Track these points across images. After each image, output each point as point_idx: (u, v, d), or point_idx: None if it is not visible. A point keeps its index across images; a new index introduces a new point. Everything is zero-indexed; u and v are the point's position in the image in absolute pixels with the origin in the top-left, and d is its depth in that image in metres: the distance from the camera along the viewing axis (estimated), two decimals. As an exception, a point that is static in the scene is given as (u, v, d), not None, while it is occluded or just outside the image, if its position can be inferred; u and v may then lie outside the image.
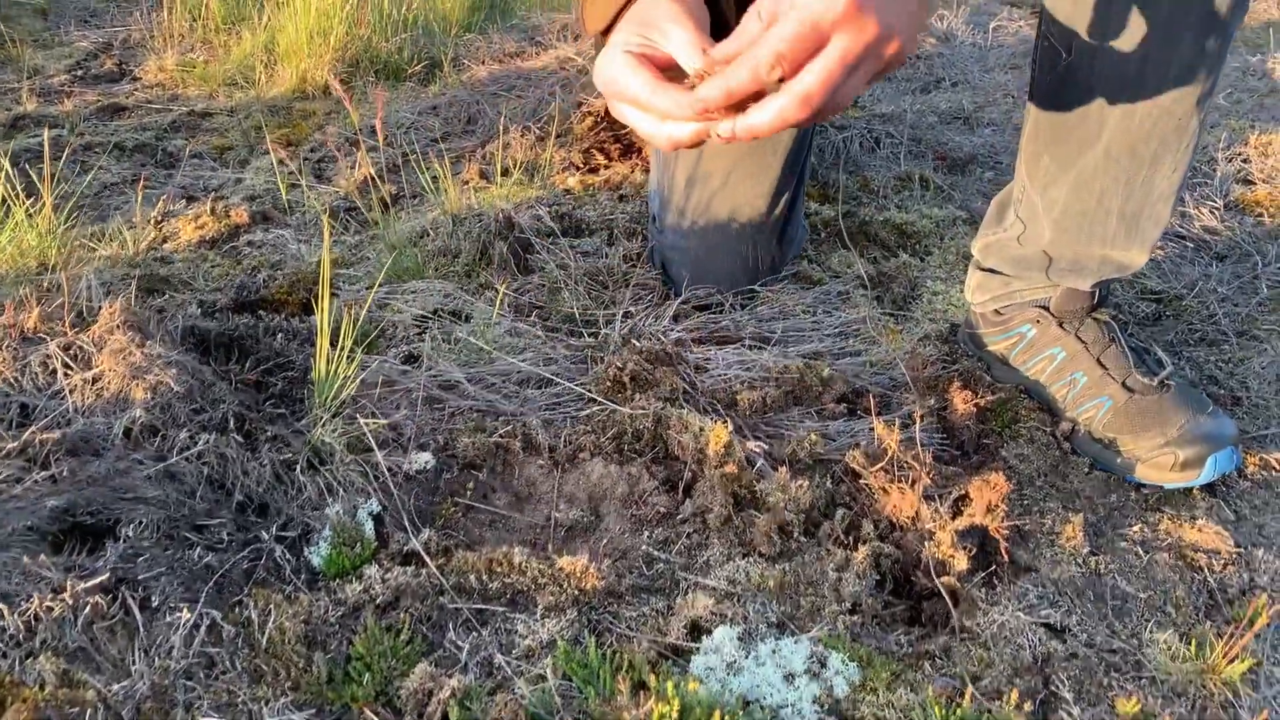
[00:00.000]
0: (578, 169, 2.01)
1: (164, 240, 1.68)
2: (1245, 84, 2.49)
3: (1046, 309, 1.28)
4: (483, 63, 2.50)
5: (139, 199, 1.69)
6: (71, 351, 1.01)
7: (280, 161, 1.95)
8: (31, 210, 1.39)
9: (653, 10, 0.89)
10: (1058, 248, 1.23)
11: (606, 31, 0.95)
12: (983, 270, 1.35)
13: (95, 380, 0.99)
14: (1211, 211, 1.72)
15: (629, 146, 2.10)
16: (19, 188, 1.43)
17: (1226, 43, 1.06)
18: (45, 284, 1.19)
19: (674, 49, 0.85)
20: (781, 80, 0.75)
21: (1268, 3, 3.53)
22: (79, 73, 2.51)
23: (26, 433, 0.92)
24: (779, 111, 0.75)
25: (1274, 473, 1.17)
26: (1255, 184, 1.83)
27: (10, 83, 2.41)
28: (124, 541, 0.89)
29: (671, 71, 0.86)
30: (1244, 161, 1.91)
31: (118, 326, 1.03)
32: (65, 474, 0.91)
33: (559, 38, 2.56)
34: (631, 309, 1.47)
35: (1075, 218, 1.20)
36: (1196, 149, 1.14)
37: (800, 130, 1.47)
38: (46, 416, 0.96)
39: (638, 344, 1.30)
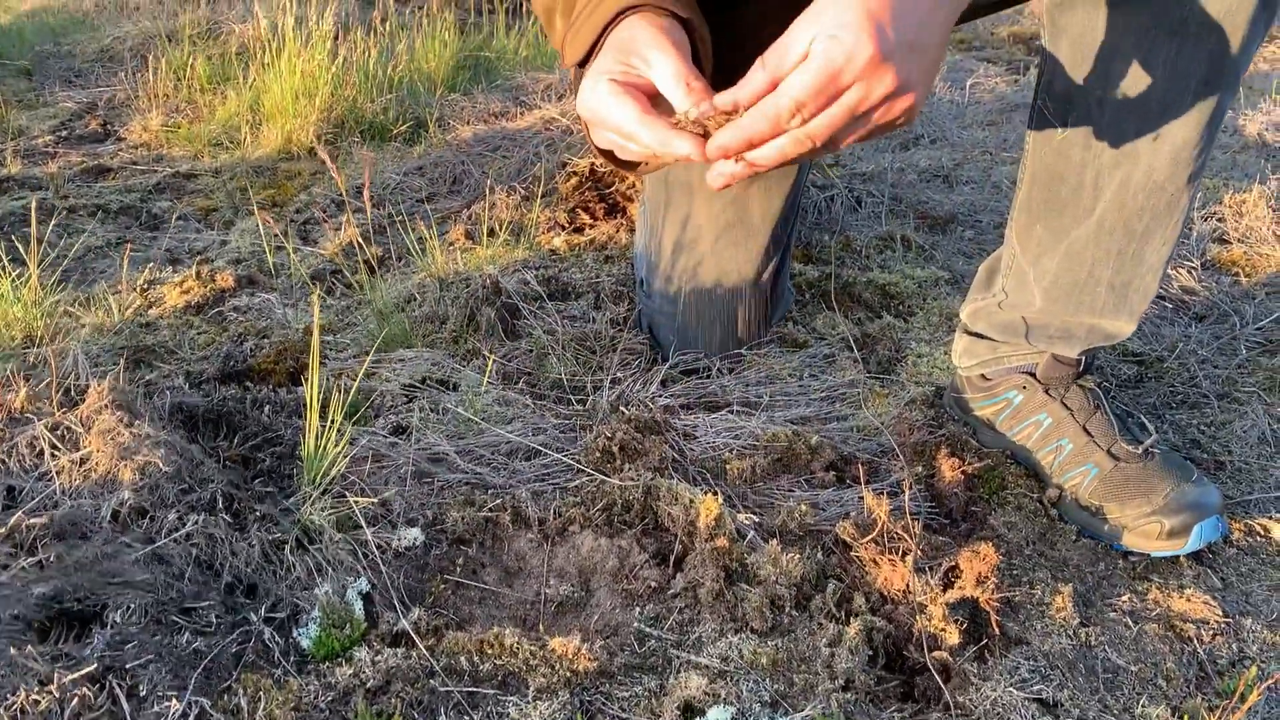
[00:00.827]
0: (563, 229, 2.03)
1: (149, 306, 1.67)
2: (1218, 140, 2.54)
3: (1033, 375, 1.30)
4: (468, 123, 2.52)
5: (124, 265, 1.69)
6: (59, 432, 1.01)
7: (265, 224, 1.96)
8: (17, 282, 1.39)
9: (634, 37, 0.90)
10: (1047, 315, 1.25)
11: (584, 63, 0.96)
12: (970, 335, 1.36)
13: (83, 461, 0.98)
14: (1189, 272, 1.75)
15: (614, 206, 2.12)
16: (3, 257, 1.43)
17: (1218, 124, 1.09)
18: (31, 359, 1.19)
19: (658, 78, 0.86)
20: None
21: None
22: (63, 133, 2.51)
23: (13, 518, 0.91)
24: (779, 149, 0.78)
25: (1260, 538, 1.18)
26: (1231, 243, 1.86)
27: (-6, 144, 2.42)
28: (111, 628, 0.88)
29: (654, 98, 0.87)
30: (1219, 220, 1.94)
31: (105, 406, 1.02)
32: (52, 559, 0.90)
33: (543, 98, 2.59)
34: (619, 374, 1.47)
35: (1066, 287, 1.21)
36: (1186, 223, 1.16)
37: (789, 200, 1.49)
38: (33, 499, 0.95)
39: (626, 412, 1.30)
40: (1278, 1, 1.04)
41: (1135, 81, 1.07)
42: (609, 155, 0.98)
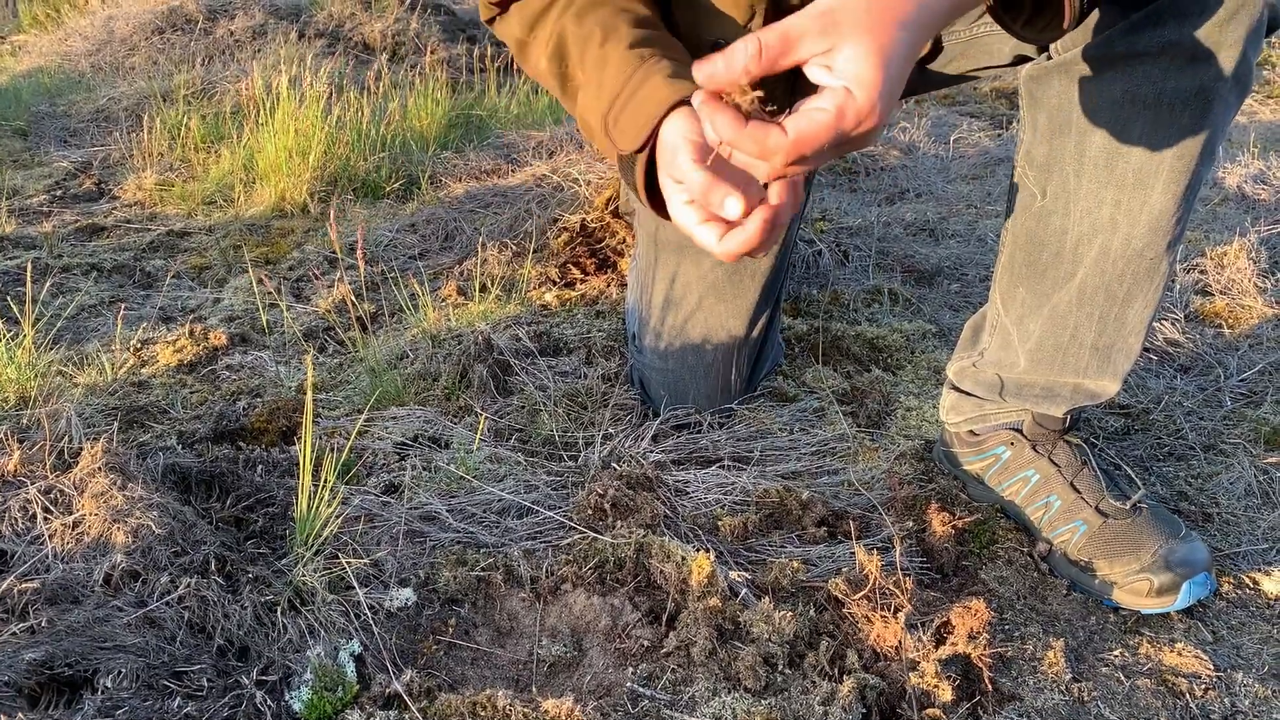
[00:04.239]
0: (555, 284, 2.04)
1: (142, 365, 1.68)
2: (1199, 193, 2.58)
3: (1020, 431, 1.31)
4: (460, 180, 2.55)
5: (118, 324, 1.70)
6: (52, 495, 1.01)
7: (259, 281, 1.97)
8: (11, 343, 1.39)
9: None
10: (1031, 375, 1.26)
11: (641, 150, 0.98)
12: (957, 391, 1.37)
13: (76, 524, 0.99)
14: (1173, 324, 1.77)
15: (605, 261, 2.14)
16: (17, 320, 1.44)
17: (1195, 193, 1.11)
18: (25, 421, 1.19)
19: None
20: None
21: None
22: (58, 193, 2.54)
23: (5, 582, 0.91)
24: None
25: (1249, 591, 1.19)
26: (1213, 295, 1.89)
27: (-11, 203, 2.43)
28: (103, 693, 0.88)
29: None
30: (1201, 273, 1.97)
31: (99, 469, 1.03)
32: (44, 624, 0.90)
33: (534, 155, 2.62)
34: (611, 430, 1.48)
35: (1049, 349, 1.23)
36: (1168, 287, 1.17)
37: (779, 259, 1.51)
38: (26, 563, 0.95)
39: (618, 468, 1.31)
40: (1250, 77, 1.07)
41: (1112, 153, 1.09)
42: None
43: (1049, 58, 1.14)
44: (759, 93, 0.77)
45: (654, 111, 0.95)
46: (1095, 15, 1.07)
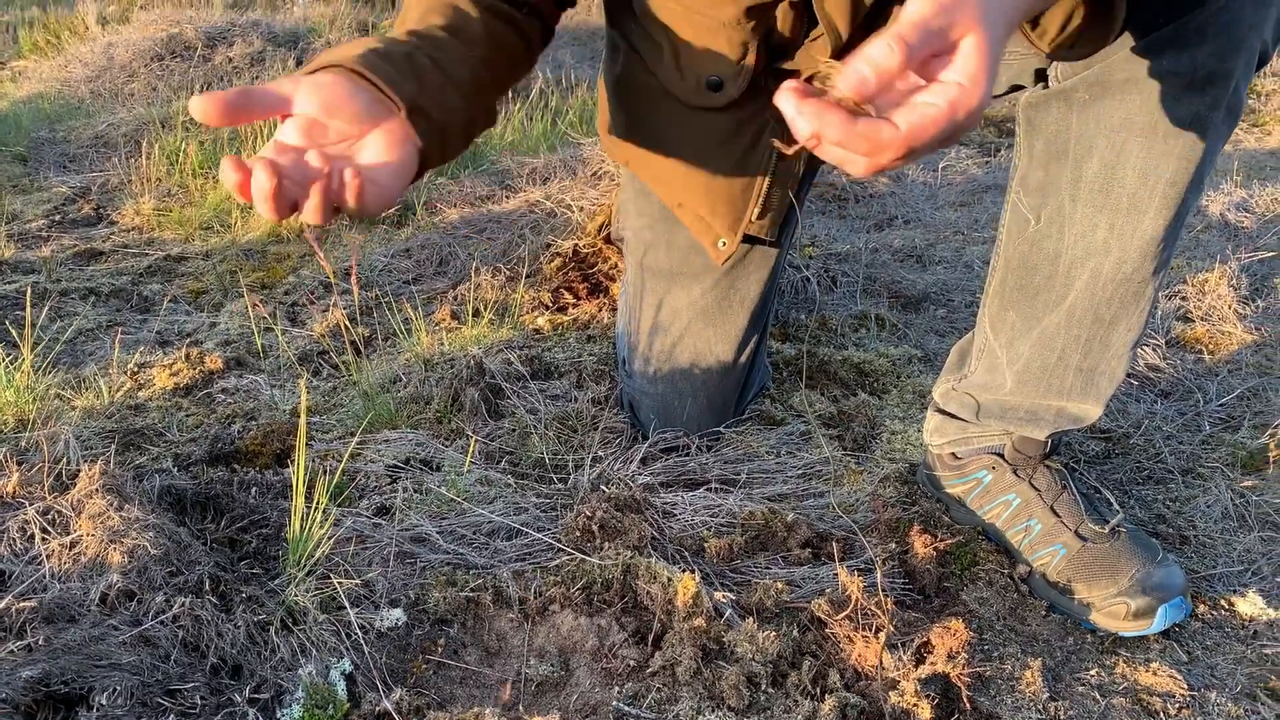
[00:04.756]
0: (547, 308, 2.07)
1: (139, 388, 1.70)
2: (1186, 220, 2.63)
3: (1001, 456, 1.34)
4: (455, 206, 2.58)
5: (115, 348, 1.73)
6: (50, 516, 1.03)
7: (254, 306, 2.00)
8: (10, 366, 1.42)
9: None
10: (1017, 398, 1.29)
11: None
12: (941, 414, 1.40)
13: (73, 545, 1.01)
14: (1154, 349, 1.80)
15: (596, 286, 2.17)
16: (13, 344, 1.46)
17: (1184, 220, 1.14)
18: (24, 443, 1.21)
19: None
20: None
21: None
22: (56, 218, 2.56)
23: (3, 601, 0.93)
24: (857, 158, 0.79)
25: (1224, 613, 1.21)
26: (1194, 321, 1.92)
27: (-12, 228, 2.46)
28: (98, 710, 0.89)
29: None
30: (1183, 299, 2.00)
31: (96, 490, 1.05)
32: (40, 643, 0.92)
33: (528, 182, 2.65)
34: (600, 453, 1.50)
35: (1036, 371, 1.26)
36: (1152, 312, 1.21)
37: (767, 286, 1.53)
38: (23, 583, 0.97)
39: (606, 490, 1.33)
40: (1240, 107, 1.11)
41: (1108, 178, 1.13)
42: None
43: (1045, 86, 1.18)
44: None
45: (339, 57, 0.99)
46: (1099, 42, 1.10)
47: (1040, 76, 1.19)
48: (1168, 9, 1.03)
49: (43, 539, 1.01)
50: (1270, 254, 2.17)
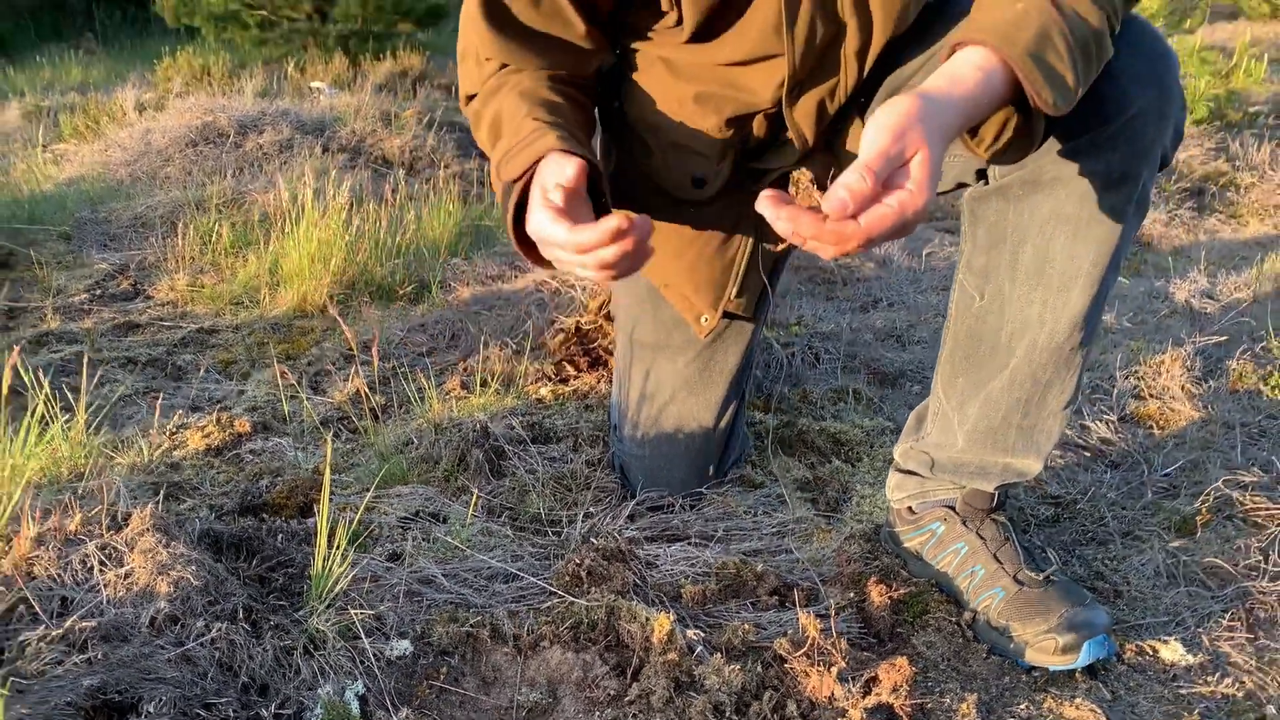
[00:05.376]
0: (550, 379, 2.24)
1: (175, 448, 1.87)
2: (1150, 306, 2.79)
3: (953, 509, 1.48)
4: (467, 284, 2.77)
5: (156, 413, 1.90)
6: (107, 551, 1.19)
7: (280, 375, 2.17)
8: (66, 426, 1.59)
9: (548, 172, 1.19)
10: (967, 455, 1.45)
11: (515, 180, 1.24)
12: (901, 472, 1.55)
13: (126, 576, 1.16)
14: (1108, 424, 1.95)
15: (596, 359, 2.34)
16: (55, 402, 1.63)
17: (1105, 296, 1.32)
18: (80, 491, 1.37)
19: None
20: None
21: (1179, 229, 3.92)
22: (97, 292, 2.76)
23: (68, 622, 1.09)
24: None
25: (1148, 658, 1.34)
26: (1147, 399, 2.07)
27: (36, 301, 2.66)
28: (145, 717, 1.04)
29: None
30: (1139, 379, 2.16)
31: (147, 529, 1.21)
32: (99, 657, 1.07)
33: (536, 262, 2.84)
34: (592, 510, 1.66)
35: (984, 430, 1.42)
36: (1081, 378, 1.37)
37: (744, 359, 1.70)
38: (84, 608, 1.12)
39: (595, 542, 1.48)
40: (1147, 202, 1.29)
41: (1040, 261, 1.30)
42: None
43: (986, 183, 1.35)
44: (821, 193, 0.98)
45: (538, 153, 1.22)
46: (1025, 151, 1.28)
47: (981, 174, 1.37)
48: (1085, 123, 1.22)
49: (101, 570, 1.17)
50: (1224, 338, 2.33)
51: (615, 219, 1.07)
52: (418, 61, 7.29)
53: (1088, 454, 1.88)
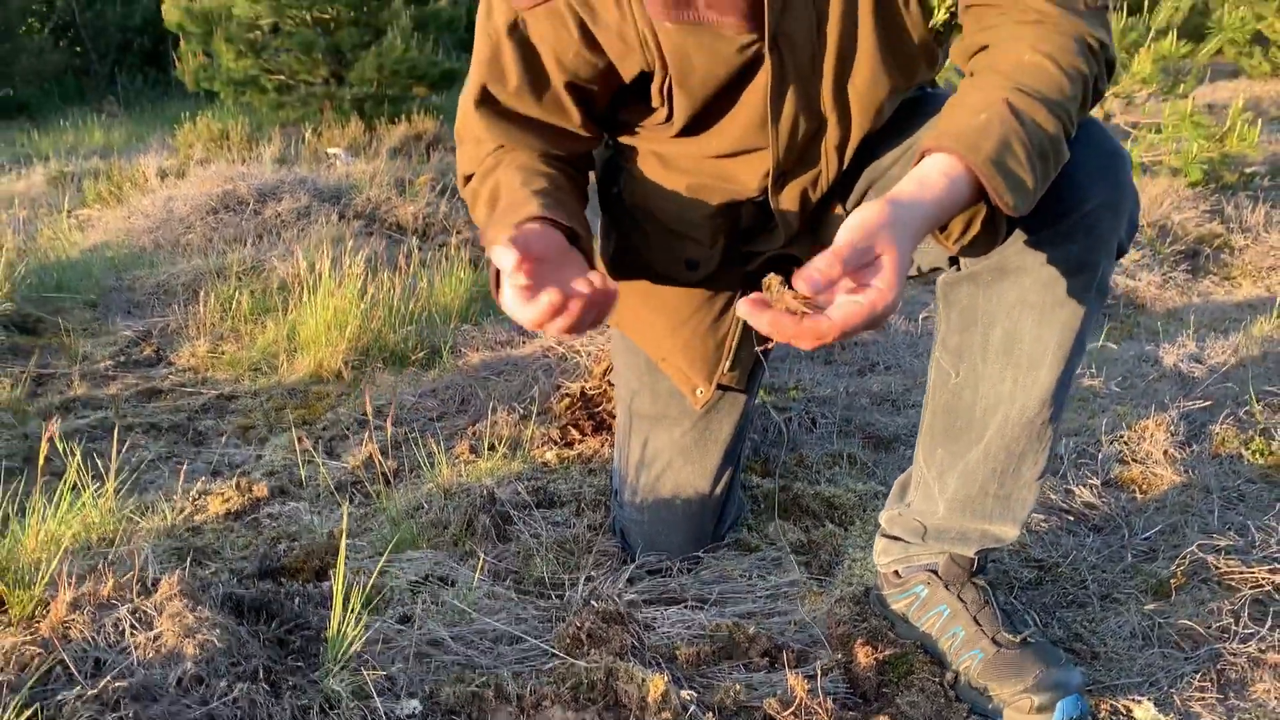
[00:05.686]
0: (555, 444, 2.33)
1: (196, 513, 1.96)
2: (1139, 370, 2.87)
3: (936, 573, 1.56)
4: (477, 350, 2.87)
5: (180, 479, 1.99)
6: (138, 615, 1.27)
7: (299, 441, 2.26)
8: (97, 492, 1.68)
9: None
10: (948, 522, 1.53)
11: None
12: (887, 537, 1.63)
13: (156, 639, 1.25)
14: (1091, 489, 2.03)
15: (600, 423, 2.43)
16: (85, 469, 1.73)
17: (1073, 373, 1.41)
18: (111, 557, 1.46)
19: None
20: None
21: (1173, 291, 4.00)
22: (122, 359, 2.87)
23: (101, 682, 1.17)
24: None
25: (1121, 717, 1.41)
26: (1130, 463, 2.15)
27: (63, 368, 2.77)
28: (172, 772, 1.12)
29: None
30: (1124, 443, 2.23)
31: (175, 595, 1.29)
32: (130, 716, 1.15)
33: (543, 328, 2.95)
34: (593, 573, 1.73)
35: (963, 499, 1.50)
36: (1053, 449, 1.45)
37: (738, 428, 1.79)
38: (116, 669, 1.20)
39: (596, 605, 1.56)
40: (1107, 288, 1.39)
41: (1010, 342, 1.39)
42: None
43: (958, 269, 1.45)
44: (794, 292, 1.06)
45: (517, 219, 1.30)
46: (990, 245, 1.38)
47: (953, 260, 1.47)
48: (1045, 217, 1.31)
49: (132, 633, 1.25)
50: (1208, 402, 2.41)
51: (549, 294, 1.14)
52: (431, 125, 7.49)
53: (1071, 518, 1.95)
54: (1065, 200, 1.30)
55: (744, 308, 1.07)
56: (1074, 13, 1.26)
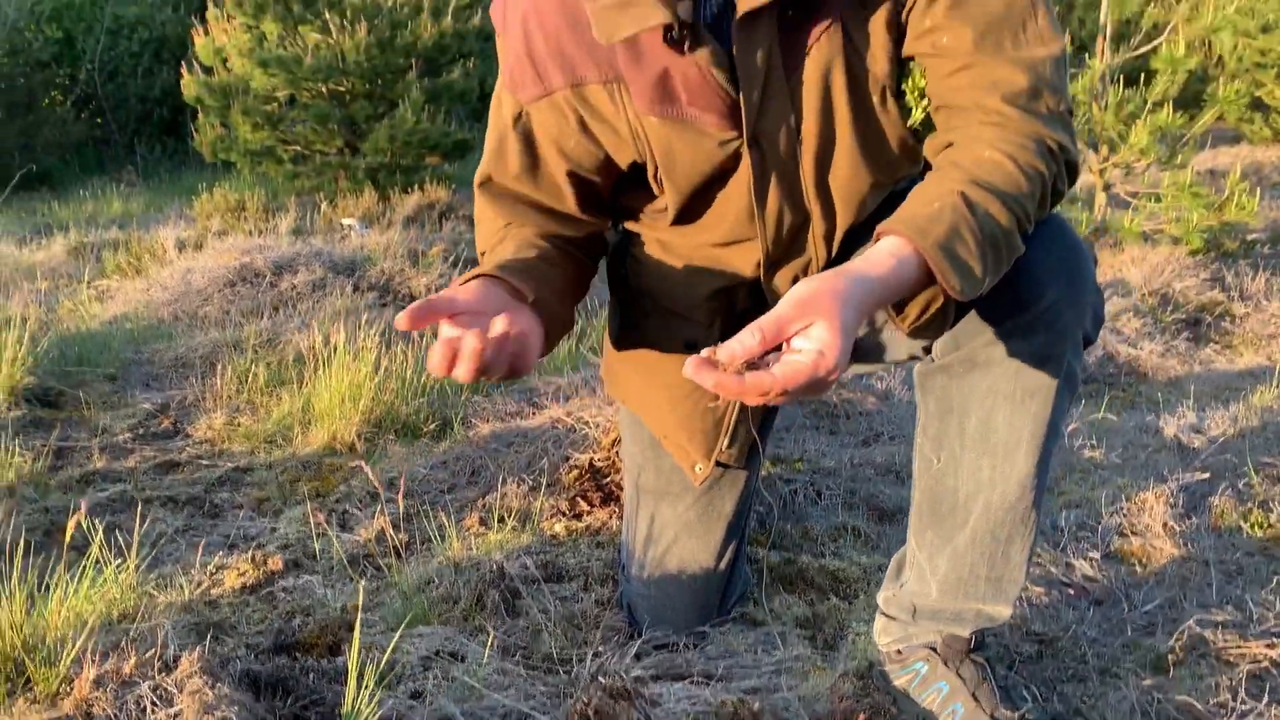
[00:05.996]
0: (564, 515, 2.37)
1: (212, 587, 2.00)
2: (1139, 440, 2.91)
3: (935, 650, 1.59)
4: (487, 421, 2.93)
5: (198, 554, 2.04)
6: (159, 692, 1.32)
7: (313, 514, 2.31)
8: (118, 569, 1.73)
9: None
10: (942, 603, 1.56)
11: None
12: (885, 617, 1.67)
13: (176, 716, 1.29)
14: (1091, 562, 2.06)
15: (609, 495, 2.47)
16: (109, 547, 1.78)
17: (1049, 460, 1.46)
18: (131, 634, 1.51)
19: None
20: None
21: (1174, 360, 4.05)
22: (140, 431, 2.93)
23: (124, 759, 1.21)
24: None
25: (1119, 792, 1.43)
26: (1130, 536, 2.18)
27: (82, 441, 2.83)
28: None
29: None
30: (1124, 515, 2.27)
31: (195, 672, 1.34)
32: (151, 793, 1.18)
33: (552, 399, 3.00)
34: (601, 649, 1.77)
35: (954, 582, 1.54)
36: (1038, 531, 1.50)
37: (741, 504, 1.84)
38: (138, 746, 1.24)
39: (603, 681, 1.59)
40: (1076, 378, 1.44)
41: (984, 431, 1.44)
42: None
43: (933, 360, 1.50)
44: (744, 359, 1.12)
45: (466, 276, 1.39)
46: (966, 326, 1.43)
47: (929, 350, 1.52)
48: (1008, 310, 1.38)
49: (153, 710, 1.29)
50: (1207, 475, 2.44)
51: (437, 345, 1.21)
52: (444, 194, 7.63)
53: (1071, 592, 1.98)
54: (1024, 295, 1.36)
55: (690, 368, 1.12)
56: (1035, 116, 1.33)
